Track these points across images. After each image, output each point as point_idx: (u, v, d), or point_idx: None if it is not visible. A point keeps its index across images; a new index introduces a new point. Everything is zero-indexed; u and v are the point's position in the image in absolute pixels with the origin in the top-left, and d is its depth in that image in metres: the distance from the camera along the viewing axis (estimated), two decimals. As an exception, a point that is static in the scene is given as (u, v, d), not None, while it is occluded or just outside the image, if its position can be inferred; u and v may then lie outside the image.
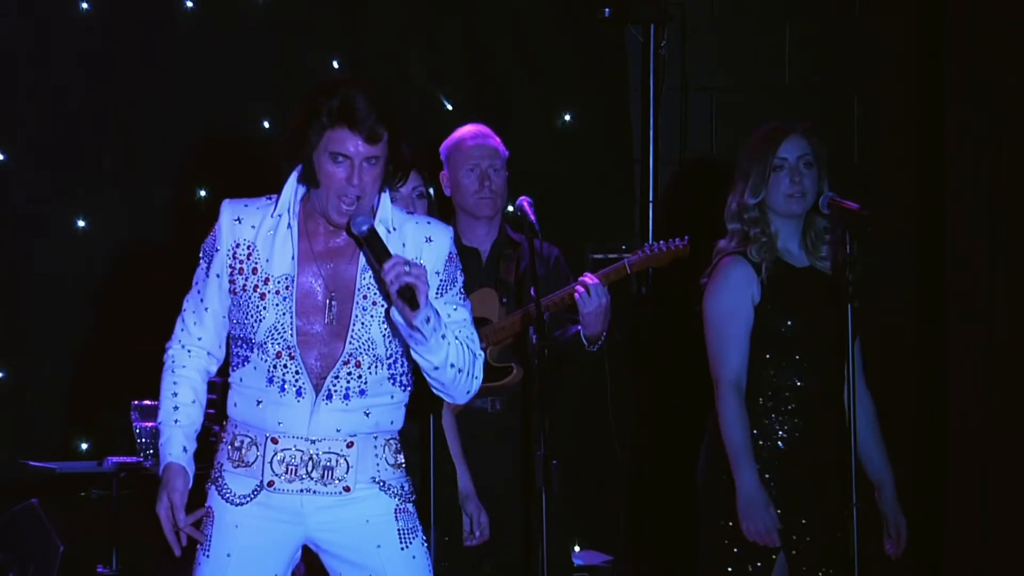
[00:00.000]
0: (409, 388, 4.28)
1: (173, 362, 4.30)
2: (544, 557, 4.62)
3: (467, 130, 5.74)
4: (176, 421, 4.25)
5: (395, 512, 4.24)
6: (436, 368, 4.13)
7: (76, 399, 6.93)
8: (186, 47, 7.06)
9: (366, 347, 4.17)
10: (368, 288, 4.18)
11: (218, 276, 4.23)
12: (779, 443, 4.95)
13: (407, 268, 3.97)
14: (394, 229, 4.20)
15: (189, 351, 4.30)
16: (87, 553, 6.23)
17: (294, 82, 7.13)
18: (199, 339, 4.29)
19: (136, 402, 6.23)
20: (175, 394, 4.27)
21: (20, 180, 6.94)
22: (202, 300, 4.27)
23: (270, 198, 4.24)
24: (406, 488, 4.28)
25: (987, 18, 7.12)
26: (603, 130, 7.54)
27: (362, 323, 4.16)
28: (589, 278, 5.45)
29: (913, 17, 7.66)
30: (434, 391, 4.25)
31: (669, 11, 7.46)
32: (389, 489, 4.24)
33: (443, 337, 4.09)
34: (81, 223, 6.99)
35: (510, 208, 6.04)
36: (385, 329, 4.17)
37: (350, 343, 4.15)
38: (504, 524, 5.45)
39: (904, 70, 7.70)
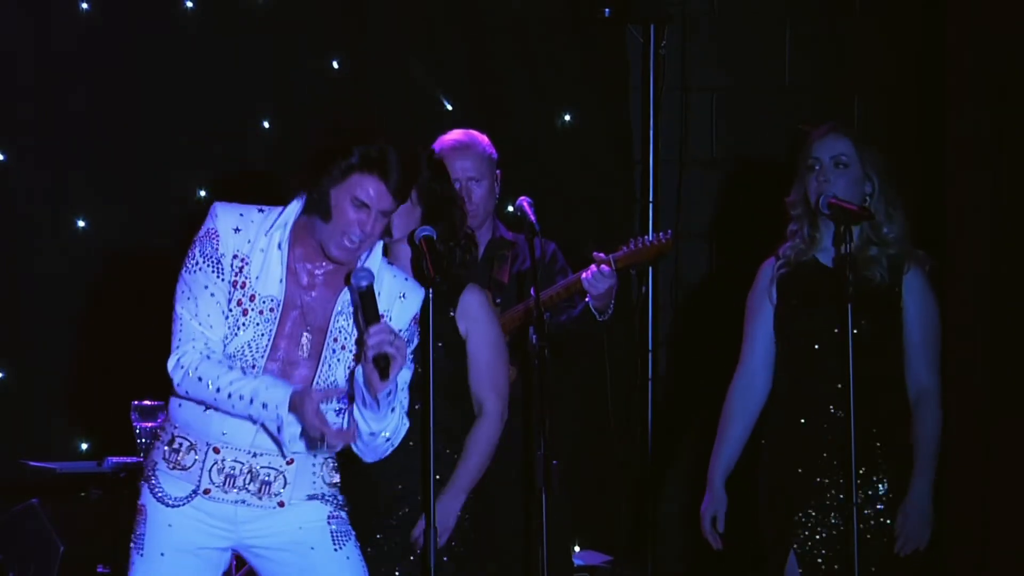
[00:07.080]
0: None
1: (198, 363, 4.08)
2: (544, 557, 4.61)
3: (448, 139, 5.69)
4: (243, 376, 4.07)
5: (328, 518, 4.27)
6: (372, 434, 4.13)
7: (76, 399, 6.93)
8: (186, 47, 7.06)
9: (329, 387, 4.15)
10: (340, 331, 4.19)
11: (224, 281, 4.15)
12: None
13: (391, 338, 3.96)
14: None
15: (208, 356, 4.11)
16: (87, 553, 6.21)
17: (294, 82, 7.13)
18: (213, 341, 4.11)
19: (136, 402, 6.21)
20: (223, 374, 4.05)
21: (20, 180, 6.94)
22: (218, 301, 4.13)
23: (262, 210, 4.21)
24: (340, 500, 4.30)
25: (987, 18, 7.11)
26: (603, 130, 7.54)
27: (329, 365, 4.17)
28: (599, 264, 5.54)
29: (913, 17, 7.65)
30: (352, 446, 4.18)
31: (669, 11, 7.47)
32: (324, 500, 4.26)
33: (392, 410, 4.10)
34: (81, 223, 6.99)
35: (510, 208, 6.04)
36: (347, 374, 4.17)
37: (316, 383, 4.14)
38: (505, 524, 5.45)
39: (904, 70, 7.70)
